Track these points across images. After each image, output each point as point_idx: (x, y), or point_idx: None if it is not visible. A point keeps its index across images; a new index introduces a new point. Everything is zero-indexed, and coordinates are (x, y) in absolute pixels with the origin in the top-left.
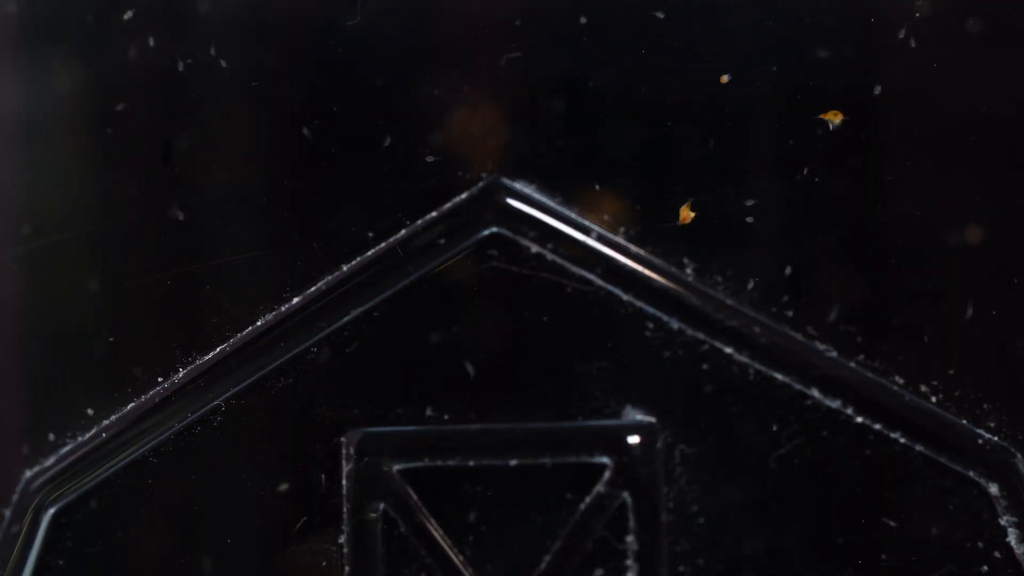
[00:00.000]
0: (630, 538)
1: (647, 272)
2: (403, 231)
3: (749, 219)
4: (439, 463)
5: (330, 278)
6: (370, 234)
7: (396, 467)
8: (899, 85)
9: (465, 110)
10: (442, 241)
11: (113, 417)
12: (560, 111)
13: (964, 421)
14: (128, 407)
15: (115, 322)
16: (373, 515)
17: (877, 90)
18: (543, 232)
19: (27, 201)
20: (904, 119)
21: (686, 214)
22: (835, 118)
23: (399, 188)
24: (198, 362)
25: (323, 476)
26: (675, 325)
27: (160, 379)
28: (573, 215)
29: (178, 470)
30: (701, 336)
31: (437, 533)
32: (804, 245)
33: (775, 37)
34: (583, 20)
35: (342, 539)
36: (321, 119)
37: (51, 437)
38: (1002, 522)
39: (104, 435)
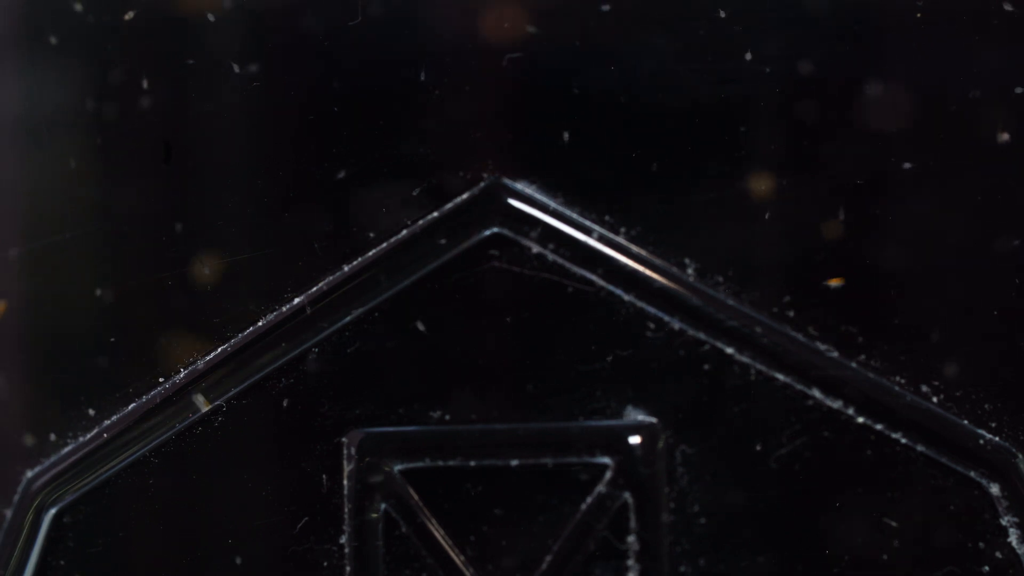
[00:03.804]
0: (631, 538)
1: (648, 272)
2: (403, 231)
3: (750, 219)
4: (440, 463)
5: (331, 278)
6: (370, 234)
7: (397, 467)
8: (900, 81)
9: (466, 110)
10: (443, 241)
11: (114, 417)
12: (561, 111)
13: (965, 421)
14: (129, 407)
15: (116, 322)
16: (374, 515)
17: (878, 87)
18: (544, 232)
19: (27, 201)
20: (905, 117)
21: (836, 281)
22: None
23: (399, 188)
24: (198, 362)
25: (324, 476)
26: (676, 325)
27: (160, 379)
28: (574, 215)
29: (179, 470)
30: (702, 336)
31: (438, 533)
32: (806, 245)
33: (775, 37)
34: (584, 20)
35: (343, 539)
36: (322, 119)
37: (52, 437)
38: (1003, 522)
39: (105, 435)
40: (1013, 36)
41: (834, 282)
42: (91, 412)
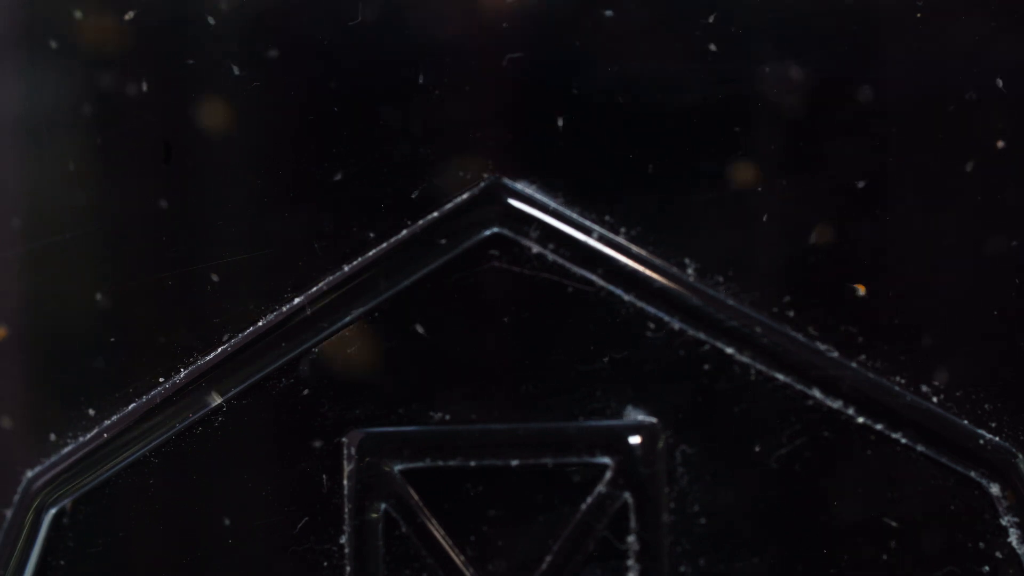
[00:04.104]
0: (631, 538)
1: (648, 272)
2: (403, 231)
3: (750, 219)
4: (440, 463)
5: (331, 278)
6: (371, 234)
7: (397, 467)
8: (899, 81)
9: (466, 110)
10: (443, 241)
11: (114, 417)
12: (561, 111)
13: (965, 421)
14: (129, 407)
15: (116, 322)
16: (374, 515)
17: (878, 87)
18: (544, 232)
19: (27, 201)
20: (905, 117)
21: (861, 287)
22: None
23: (399, 188)
24: (198, 362)
25: (324, 476)
26: (676, 325)
27: (161, 379)
28: (574, 215)
29: (179, 470)
30: (702, 336)
31: (438, 533)
32: (806, 245)
33: (775, 37)
34: (585, 20)
35: (343, 539)
36: (321, 119)
37: (52, 437)
38: (1003, 522)
39: (105, 435)
40: (1013, 36)
41: (859, 287)
42: (91, 412)
